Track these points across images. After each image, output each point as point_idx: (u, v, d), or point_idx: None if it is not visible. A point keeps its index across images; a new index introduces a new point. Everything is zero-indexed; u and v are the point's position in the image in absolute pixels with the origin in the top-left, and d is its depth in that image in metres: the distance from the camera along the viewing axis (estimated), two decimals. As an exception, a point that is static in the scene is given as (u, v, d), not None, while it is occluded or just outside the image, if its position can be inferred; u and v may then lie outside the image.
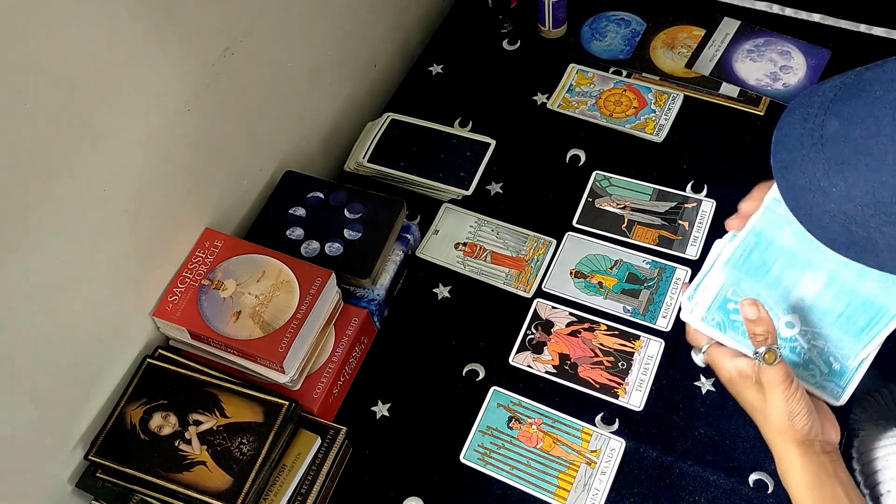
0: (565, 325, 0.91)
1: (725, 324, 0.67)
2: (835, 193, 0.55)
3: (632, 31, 1.18)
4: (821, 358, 0.65)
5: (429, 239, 1.01)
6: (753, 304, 0.62)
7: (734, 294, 0.67)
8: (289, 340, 0.81)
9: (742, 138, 1.05)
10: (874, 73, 0.55)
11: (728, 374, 0.67)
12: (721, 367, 0.68)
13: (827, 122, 0.56)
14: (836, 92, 0.57)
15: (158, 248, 0.84)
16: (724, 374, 0.68)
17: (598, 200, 1.01)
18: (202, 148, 0.86)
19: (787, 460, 0.64)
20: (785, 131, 0.59)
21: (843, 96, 0.56)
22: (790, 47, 1.12)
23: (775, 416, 0.63)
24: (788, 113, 0.60)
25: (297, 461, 0.79)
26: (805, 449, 0.63)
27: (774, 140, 0.60)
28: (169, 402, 0.80)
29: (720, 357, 0.68)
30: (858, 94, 0.55)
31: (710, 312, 0.68)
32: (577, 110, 1.10)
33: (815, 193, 0.56)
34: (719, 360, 0.68)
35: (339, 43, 1.07)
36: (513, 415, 0.86)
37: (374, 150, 1.07)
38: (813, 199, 0.56)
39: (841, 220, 0.55)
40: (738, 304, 0.64)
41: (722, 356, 0.68)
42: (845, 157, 0.54)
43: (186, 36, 0.78)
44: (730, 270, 0.67)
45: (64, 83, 0.65)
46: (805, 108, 0.58)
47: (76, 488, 0.80)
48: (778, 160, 0.59)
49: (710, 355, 0.69)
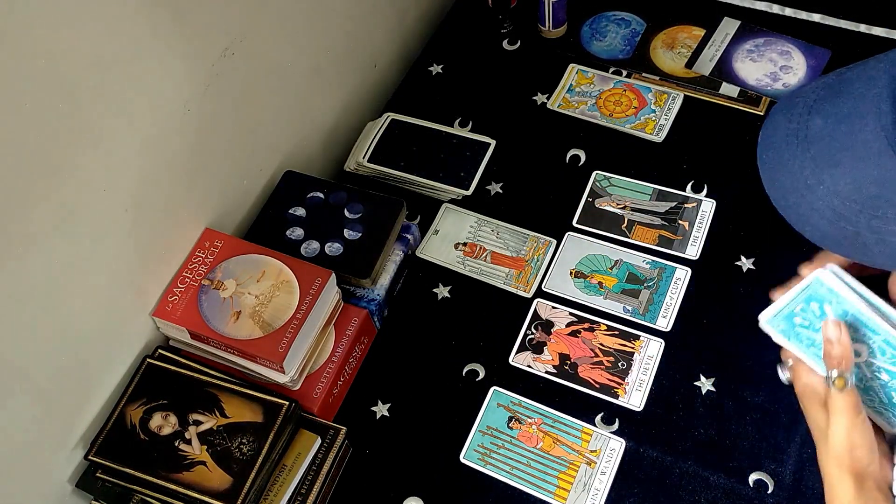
0: (565, 325, 0.91)
1: (790, 333, 0.67)
2: (822, 191, 0.55)
3: (632, 31, 1.18)
4: (882, 391, 0.65)
5: (429, 239, 1.01)
6: (837, 326, 0.61)
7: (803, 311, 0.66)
8: (289, 340, 0.81)
9: (742, 138, 1.05)
10: (856, 72, 0.56)
11: (801, 387, 0.66)
12: (798, 379, 0.67)
13: (811, 121, 0.56)
14: (820, 92, 0.57)
15: (158, 248, 0.84)
16: (798, 387, 0.67)
17: (598, 200, 1.01)
18: (202, 148, 0.86)
19: (839, 490, 0.62)
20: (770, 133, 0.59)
21: (827, 95, 0.56)
22: (790, 47, 1.12)
23: (836, 442, 0.61)
24: (773, 115, 0.60)
25: (297, 461, 0.79)
26: (860, 483, 0.61)
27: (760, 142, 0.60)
28: (169, 402, 0.80)
29: (799, 370, 0.67)
30: (841, 93, 0.55)
31: (777, 318, 0.67)
32: (577, 110, 1.10)
33: (803, 192, 0.56)
34: (798, 373, 0.67)
35: (339, 43, 1.07)
36: (513, 415, 0.86)
37: (374, 150, 1.07)
38: (801, 198, 0.56)
39: (829, 217, 0.55)
40: (819, 324, 0.63)
41: (801, 370, 0.67)
42: (831, 154, 0.54)
43: (186, 36, 0.78)
44: None
45: (64, 83, 0.65)
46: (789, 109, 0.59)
47: (76, 488, 0.80)
48: (764, 161, 0.59)
49: (794, 369, 0.69)
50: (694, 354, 0.88)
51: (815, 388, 0.65)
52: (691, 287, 0.92)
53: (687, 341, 0.89)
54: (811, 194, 0.56)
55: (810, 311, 0.66)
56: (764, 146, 0.60)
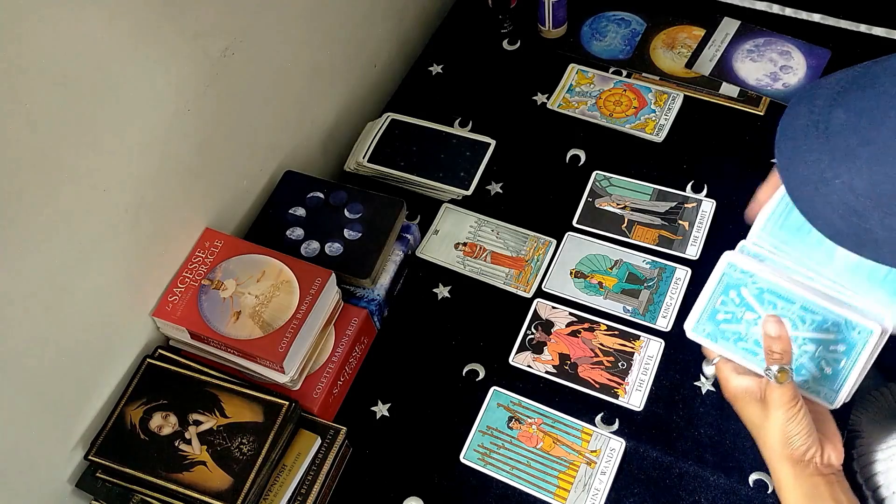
0: (565, 325, 0.91)
1: (717, 334, 0.67)
2: (837, 184, 0.54)
3: (632, 31, 1.18)
4: (813, 363, 0.65)
5: (429, 239, 1.01)
6: (777, 322, 0.62)
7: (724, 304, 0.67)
8: (289, 340, 0.81)
9: (742, 138, 1.05)
10: (882, 66, 0.55)
11: (733, 389, 0.67)
12: (727, 382, 0.68)
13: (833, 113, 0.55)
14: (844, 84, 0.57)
15: (158, 248, 0.84)
16: (729, 389, 0.68)
17: (598, 200, 1.01)
18: (202, 148, 0.86)
19: (779, 480, 0.64)
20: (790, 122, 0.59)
21: (851, 88, 0.56)
22: (790, 47, 1.12)
23: (773, 434, 0.63)
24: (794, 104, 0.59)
25: (297, 461, 0.79)
26: (799, 469, 0.63)
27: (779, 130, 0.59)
28: (169, 402, 0.80)
29: (727, 372, 0.68)
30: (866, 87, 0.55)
31: (701, 323, 0.68)
32: (577, 110, 1.10)
33: (818, 184, 0.55)
34: (726, 374, 0.68)
35: (339, 43, 1.07)
36: (513, 415, 0.86)
37: (374, 150, 1.07)
38: (815, 190, 0.56)
39: (842, 212, 0.55)
40: (763, 320, 0.63)
41: (729, 371, 0.68)
42: (850, 148, 0.54)
43: (186, 36, 0.78)
44: (771, 230, 0.66)
45: (64, 83, 0.65)
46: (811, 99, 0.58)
47: (76, 488, 0.80)
48: (782, 150, 0.58)
49: (719, 369, 0.69)
50: (694, 354, 0.88)
51: (748, 388, 0.66)
52: (691, 287, 0.92)
53: (687, 341, 0.89)
54: (826, 187, 0.55)
55: (730, 301, 0.66)
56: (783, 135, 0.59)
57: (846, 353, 0.64)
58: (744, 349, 0.66)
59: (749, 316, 0.66)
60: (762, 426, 0.64)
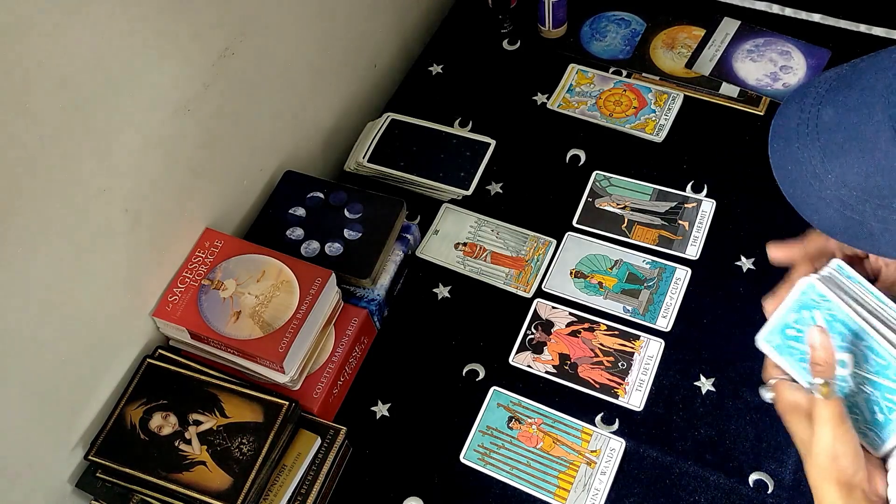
0: (565, 325, 0.91)
1: (783, 348, 0.66)
2: (830, 180, 0.55)
3: (632, 31, 1.18)
4: (867, 404, 0.64)
5: (429, 239, 1.01)
6: (822, 332, 0.61)
7: (797, 322, 0.66)
8: (289, 340, 0.81)
9: (742, 138, 1.05)
10: (868, 63, 0.56)
11: (783, 404, 0.66)
12: (780, 397, 0.67)
13: (822, 111, 0.57)
14: (832, 83, 0.58)
15: (158, 248, 0.84)
16: (780, 404, 0.66)
17: (598, 200, 1.01)
18: (202, 148, 0.86)
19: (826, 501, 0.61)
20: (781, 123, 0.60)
21: (838, 86, 0.57)
22: (790, 47, 1.12)
23: (820, 452, 0.61)
24: (785, 105, 0.61)
25: (297, 461, 0.79)
26: (846, 493, 0.60)
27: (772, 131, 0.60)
28: (169, 402, 0.80)
29: (782, 387, 0.66)
30: (853, 84, 0.56)
31: (773, 334, 0.67)
32: (577, 110, 1.10)
33: (812, 181, 0.56)
34: (780, 390, 0.67)
35: (339, 43, 1.07)
36: (513, 415, 0.86)
37: (374, 150, 1.07)
38: (809, 187, 0.57)
39: (836, 206, 0.56)
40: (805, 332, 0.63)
41: (784, 387, 0.66)
42: (840, 143, 0.55)
43: (186, 36, 0.78)
44: None
45: (64, 83, 0.65)
46: (801, 99, 0.59)
47: (76, 488, 0.80)
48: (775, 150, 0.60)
49: (777, 387, 0.68)
50: (694, 354, 0.88)
51: (799, 403, 0.64)
52: (691, 287, 0.92)
53: (687, 341, 0.89)
54: (820, 184, 0.56)
55: (802, 321, 0.66)
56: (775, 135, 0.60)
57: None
58: (803, 368, 0.66)
59: None
60: (809, 443, 0.62)
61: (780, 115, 0.60)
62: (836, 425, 0.60)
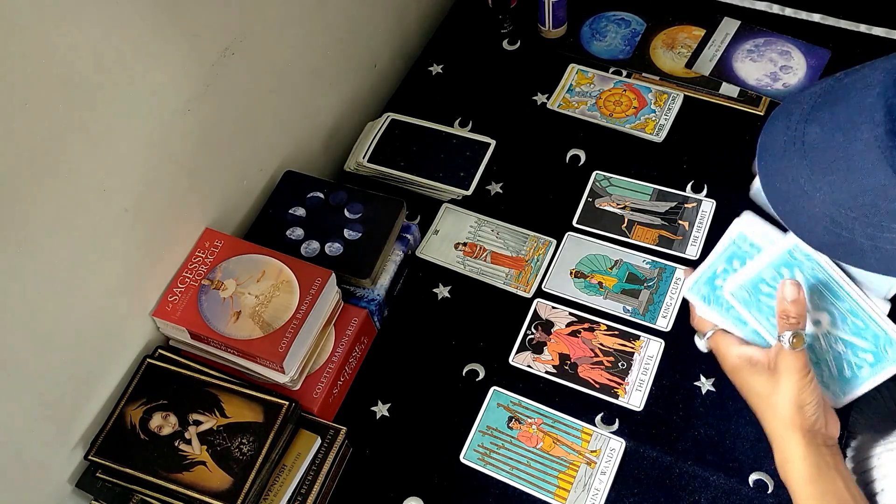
0: (565, 325, 0.91)
1: (751, 304, 0.66)
2: (818, 198, 0.56)
3: (632, 31, 1.18)
4: (836, 361, 0.65)
5: (429, 239, 1.01)
6: (796, 286, 0.62)
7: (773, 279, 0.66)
8: (289, 340, 0.81)
9: (742, 138, 1.05)
10: (852, 79, 0.57)
11: (734, 360, 0.67)
12: (727, 353, 0.68)
13: (808, 129, 0.57)
14: (816, 99, 0.58)
15: (158, 248, 0.84)
16: (729, 360, 0.68)
17: (598, 200, 1.01)
18: (202, 148, 0.86)
19: (788, 450, 0.63)
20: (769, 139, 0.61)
21: (823, 103, 0.57)
22: (790, 47, 1.12)
23: (784, 402, 0.63)
24: (771, 122, 0.61)
25: (297, 461, 0.79)
26: (809, 439, 0.62)
27: (759, 147, 0.61)
28: (169, 402, 0.80)
29: (726, 343, 0.68)
30: (837, 100, 0.56)
31: (742, 289, 0.67)
32: (577, 110, 1.10)
33: (801, 198, 0.57)
34: (725, 346, 0.68)
35: (339, 43, 1.07)
36: (513, 415, 0.86)
37: (374, 150, 1.07)
38: (799, 204, 0.57)
39: (826, 224, 0.56)
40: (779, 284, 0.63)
41: (728, 342, 0.67)
42: (827, 162, 0.56)
43: (186, 36, 0.78)
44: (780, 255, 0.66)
45: (64, 83, 0.65)
46: (787, 116, 0.60)
47: (76, 488, 0.80)
48: (763, 167, 0.60)
49: (715, 341, 0.69)
50: (694, 354, 0.88)
51: (753, 357, 0.65)
52: (691, 287, 0.92)
53: (687, 341, 0.89)
54: (808, 201, 0.57)
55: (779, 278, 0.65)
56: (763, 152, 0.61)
57: (872, 365, 0.64)
58: (768, 322, 0.66)
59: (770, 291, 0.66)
60: (770, 395, 0.64)
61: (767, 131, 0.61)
62: (803, 375, 0.62)
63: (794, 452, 0.63)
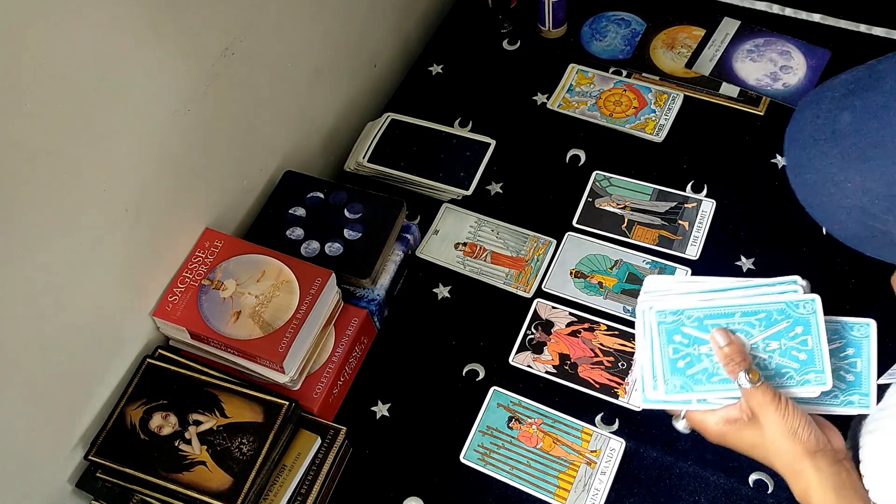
0: (565, 325, 0.91)
1: (688, 384, 0.65)
2: (850, 188, 0.54)
3: (632, 31, 1.18)
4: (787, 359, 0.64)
5: (429, 239, 1.01)
6: (724, 331, 0.62)
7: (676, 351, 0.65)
8: (289, 340, 0.81)
9: (742, 138, 1.05)
10: (887, 65, 0.54)
11: (716, 427, 0.65)
12: (706, 426, 0.66)
13: (840, 116, 0.54)
14: (848, 86, 0.56)
15: (158, 248, 0.84)
16: (711, 431, 0.66)
17: (598, 200, 1.01)
18: (202, 148, 0.86)
19: (803, 482, 0.61)
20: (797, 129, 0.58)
21: (856, 90, 0.55)
22: (790, 47, 1.12)
23: (777, 437, 0.61)
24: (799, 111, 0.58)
25: (297, 461, 0.79)
26: (817, 462, 0.60)
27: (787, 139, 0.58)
28: (169, 402, 0.80)
29: (701, 418, 0.66)
30: (871, 87, 0.54)
31: (667, 382, 0.65)
32: (577, 110, 1.10)
33: (830, 189, 0.55)
34: (701, 421, 0.66)
35: (339, 43, 1.07)
36: (513, 415, 0.86)
37: (374, 150, 1.07)
38: (828, 195, 0.55)
39: (857, 216, 0.54)
40: (710, 337, 0.63)
41: (702, 416, 0.66)
42: (859, 150, 0.53)
43: (187, 36, 0.78)
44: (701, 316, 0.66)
45: (64, 83, 0.65)
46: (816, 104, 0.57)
47: (76, 488, 0.80)
48: (791, 158, 0.58)
49: (691, 420, 0.67)
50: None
51: (729, 416, 0.64)
52: (691, 287, 0.92)
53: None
54: (839, 192, 0.54)
55: (681, 346, 0.65)
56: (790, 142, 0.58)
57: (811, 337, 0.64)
58: (719, 381, 0.65)
59: (705, 349, 0.65)
60: (763, 439, 0.62)
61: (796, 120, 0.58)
62: (777, 404, 0.61)
63: (813, 479, 0.60)
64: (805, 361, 0.64)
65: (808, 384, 0.64)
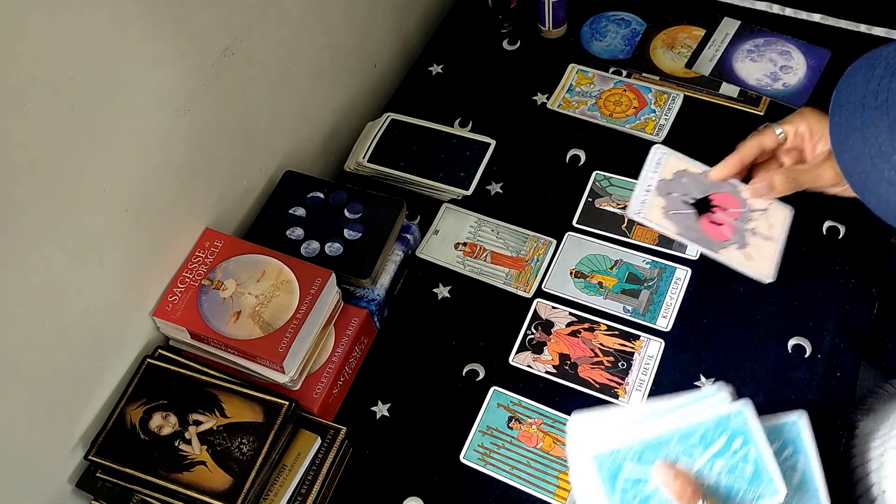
0: (565, 325, 0.91)
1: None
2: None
3: (632, 31, 1.18)
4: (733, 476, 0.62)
5: (429, 239, 1.01)
6: (666, 465, 0.59)
7: (625, 493, 0.62)
8: (289, 340, 0.81)
9: (742, 138, 1.04)
10: None
11: None
12: None
13: (894, 83, 0.51)
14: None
15: (158, 248, 0.84)
16: None
17: (598, 200, 1.01)
18: (202, 148, 0.86)
19: None
20: (845, 94, 0.55)
21: None
22: (790, 47, 1.12)
23: None
24: (848, 75, 0.55)
25: (297, 461, 0.79)
26: None
27: (833, 102, 0.55)
28: (169, 402, 0.80)
29: None
30: None
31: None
32: (577, 110, 1.10)
33: (876, 159, 0.52)
34: None
35: (339, 43, 1.07)
36: (513, 415, 0.86)
37: (374, 150, 1.07)
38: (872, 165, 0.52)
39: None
40: (654, 474, 0.61)
41: None
42: None
43: (186, 36, 0.78)
44: None
45: (64, 83, 0.65)
46: (869, 69, 0.54)
47: (76, 488, 0.80)
48: (836, 124, 0.54)
49: None
50: (694, 354, 0.88)
51: None
52: (691, 287, 0.92)
53: (687, 341, 0.89)
54: (884, 162, 0.51)
55: (626, 489, 0.62)
56: (837, 107, 0.55)
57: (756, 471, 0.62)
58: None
59: (651, 486, 0.62)
60: None
61: (844, 84, 0.55)
62: None
63: None
64: (753, 474, 0.62)
65: (762, 498, 0.62)
